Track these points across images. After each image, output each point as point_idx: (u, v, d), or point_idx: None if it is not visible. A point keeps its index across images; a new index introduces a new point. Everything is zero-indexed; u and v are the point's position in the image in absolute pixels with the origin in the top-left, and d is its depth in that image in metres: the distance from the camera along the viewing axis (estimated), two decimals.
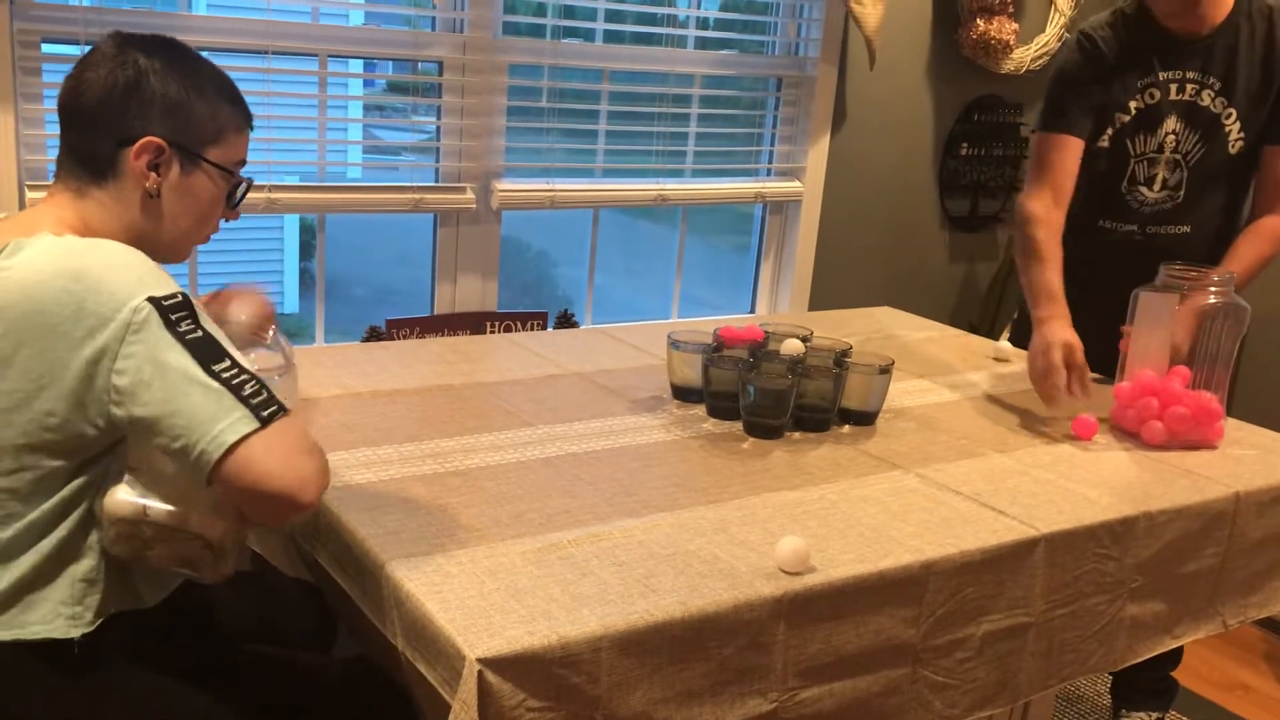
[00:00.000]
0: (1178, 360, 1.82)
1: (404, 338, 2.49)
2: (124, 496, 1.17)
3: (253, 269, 7.86)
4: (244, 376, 1.12)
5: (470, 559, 1.23)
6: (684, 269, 3.05)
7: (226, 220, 1.36)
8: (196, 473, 1.10)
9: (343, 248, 8.62)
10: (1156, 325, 1.81)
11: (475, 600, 1.14)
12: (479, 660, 1.04)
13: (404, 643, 1.18)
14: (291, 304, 8.30)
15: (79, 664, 1.18)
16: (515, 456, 1.53)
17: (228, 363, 1.12)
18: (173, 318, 1.11)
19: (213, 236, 1.36)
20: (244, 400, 1.10)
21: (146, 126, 1.22)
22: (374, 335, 2.51)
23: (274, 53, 2.28)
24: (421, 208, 2.50)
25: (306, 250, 8.39)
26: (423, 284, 2.73)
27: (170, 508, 1.17)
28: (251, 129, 1.34)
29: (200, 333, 1.13)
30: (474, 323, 2.61)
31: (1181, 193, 2.07)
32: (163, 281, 1.14)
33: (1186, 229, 2.09)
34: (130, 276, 1.13)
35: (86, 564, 1.19)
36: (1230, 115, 2.01)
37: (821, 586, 1.24)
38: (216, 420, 1.09)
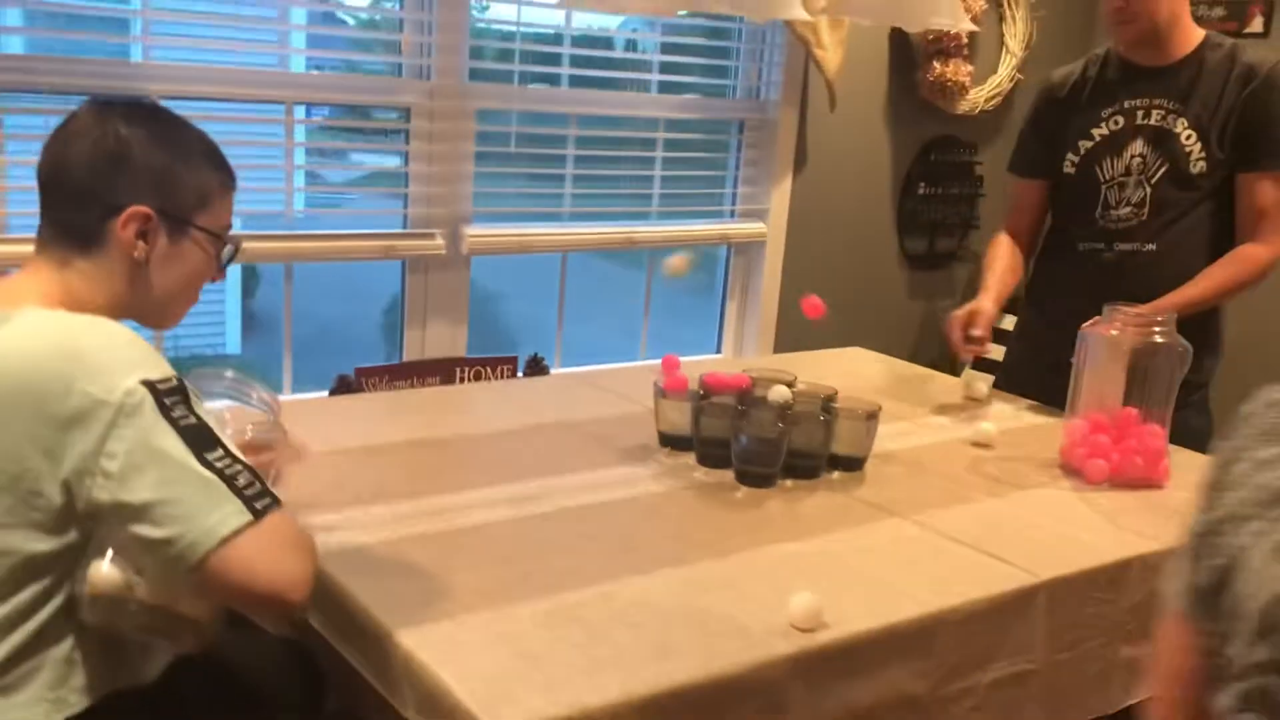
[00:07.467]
0: (1116, 399, 1.84)
1: (374, 387, 2.45)
2: (109, 569, 1.12)
3: (194, 309, 7.67)
4: (237, 467, 1.09)
5: (479, 624, 1.20)
6: (650, 310, 3.05)
7: (212, 281, 1.33)
8: (177, 563, 1.05)
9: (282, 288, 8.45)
10: (1105, 364, 1.83)
11: (490, 668, 1.12)
12: None
13: (415, 712, 1.14)
14: (234, 345, 8.14)
15: None
16: (511, 513, 1.50)
17: (220, 451, 1.09)
18: (167, 402, 1.08)
19: None
20: (238, 491, 1.07)
21: (134, 197, 1.19)
22: (343, 384, 2.47)
23: (238, 100, 2.24)
24: (392, 254, 2.47)
25: (248, 288, 8.24)
26: (372, 323, 2.70)
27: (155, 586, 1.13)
28: (235, 190, 1.31)
29: (193, 419, 1.09)
30: (444, 369, 2.58)
31: (1146, 210, 2.14)
32: (158, 365, 1.11)
33: (1153, 246, 2.14)
34: (126, 357, 1.09)
35: (66, 645, 1.14)
36: (1190, 136, 2.09)
37: (835, 643, 1.23)
38: (209, 511, 1.05)
